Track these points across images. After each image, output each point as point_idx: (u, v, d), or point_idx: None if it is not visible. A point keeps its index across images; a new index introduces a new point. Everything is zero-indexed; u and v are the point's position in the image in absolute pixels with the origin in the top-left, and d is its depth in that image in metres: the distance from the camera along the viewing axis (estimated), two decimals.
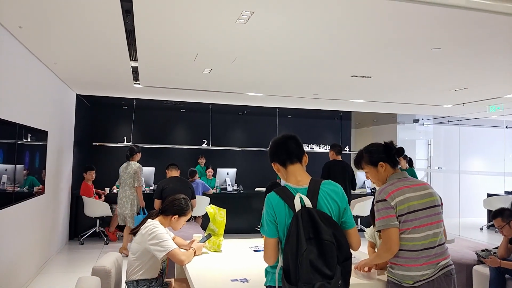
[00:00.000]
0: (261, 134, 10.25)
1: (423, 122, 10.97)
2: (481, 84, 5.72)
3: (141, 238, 2.77)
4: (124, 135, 8.74)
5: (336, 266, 1.78)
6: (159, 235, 2.74)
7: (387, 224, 2.14)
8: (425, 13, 3.09)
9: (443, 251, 2.23)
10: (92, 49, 4.33)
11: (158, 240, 2.71)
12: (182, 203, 3.02)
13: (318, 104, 8.21)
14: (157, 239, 2.72)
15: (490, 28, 3.38)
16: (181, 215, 2.99)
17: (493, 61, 4.49)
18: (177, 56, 4.59)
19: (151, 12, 3.22)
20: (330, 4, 2.98)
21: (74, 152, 7.10)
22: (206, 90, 6.70)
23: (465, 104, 7.46)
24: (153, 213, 3.00)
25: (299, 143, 2.05)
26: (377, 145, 2.42)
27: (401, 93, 6.60)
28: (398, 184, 2.25)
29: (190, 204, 3.10)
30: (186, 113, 9.94)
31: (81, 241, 6.74)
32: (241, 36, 3.77)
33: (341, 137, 10.85)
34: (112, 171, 8.63)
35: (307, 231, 1.77)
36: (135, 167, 6.11)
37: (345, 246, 1.85)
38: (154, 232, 2.74)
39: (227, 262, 2.90)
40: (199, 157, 9.41)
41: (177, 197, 3.06)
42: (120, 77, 5.77)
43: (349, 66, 4.87)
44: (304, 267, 1.72)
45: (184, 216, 3.02)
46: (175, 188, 5.27)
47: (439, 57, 4.36)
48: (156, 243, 2.70)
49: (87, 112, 8.47)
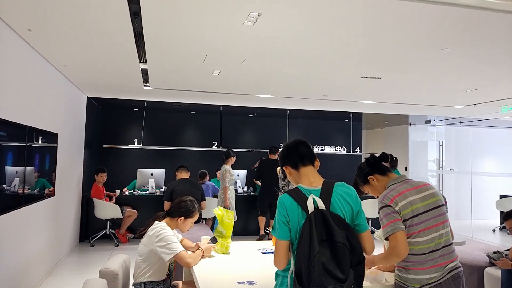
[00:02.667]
0: (272, 136, 10.22)
1: (435, 123, 10.85)
2: (492, 84, 5.63)
3: (148, 240, 2.77)
4: (135, 137, 8.80)
5: (349, 269, 1.75)
6: (166, 237, 2.74)
7: (395, 228, 2.10)
8: (434, 13, 3.05)
9: (450, 252, 2.18)
10: (102, 51, 4.37)
11: (165, 243, 2.71)
12: (189, 204, 3.02)
13: (328, 106, 8.16)
14: (164, 241, 2.72)
15: (500, 28, 3.32)
16: (187, 217, 2.99)
17: (504, 62, 4.41)
18: (186, 58, 4.60)
19: (159, 14, 3.24)
20: (338, 5, 2.95)
21: (84, 155, 7.17)
22: (216, 92, 6.71)
23: (476, 105, 7.36)
24: (160, 215, 3.00)
25: (310, 148, 2.08)
26: (360, 166, 2.46)
27: (412, 94, 6.53)
28: (399, 188, 2.21)
29: (197, 206, 3.09)
30: (196, 115, 9.96)
31: (91, 243, 6.79)
32: (250, 37, 3.76)
33: (352, 138, 10.77)
34: (122, 173, 8.72)
35: (320, 233, 1.75)
36: (223, 170, 6.63)
37: (358, 249, 1.82)
38: (161, 234, 2.74)
39: (235, 264, 2.89)
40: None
41: (184, 198, 3.06)
42: (130, 79, 5.81)
43: (359, 67, 4.84)
44: (317, 270, 1.70)
45: (190, 218, 3.01)
46: (185, 190, 5.29)
47: (449, 58, 4.30)
48: (163, 245, 2.70)
49: (98, 115, 8.54)
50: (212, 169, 8.31)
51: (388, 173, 2.36)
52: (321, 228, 1.76)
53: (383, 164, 2.40)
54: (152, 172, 7.68)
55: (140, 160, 9.21)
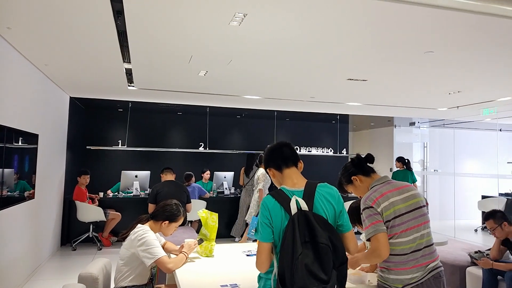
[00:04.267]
0: (259, 137, 10.21)
1: (419, 125, 10.99)
2: (474, 87, 5.71)
3: (130, 244, 2.71)
4: (119, 139, 8.68)
5: (332, 270, 1.76)
6: (148, 241, 2.68)
7: (377, 230, 2.12)
8: (417, 16, 3.06)
9: (432, 252, 2.21)
10: (84, 50, 4.28)
11: (147, 247, 2.65)
12: (174, 208, 2.96)
13: (315, 107, 8.18)
14: (146, 245, 2.66)
15: (482, 32, 3.36)
16: (172, 221, 2.94)
17: (485, 65, 4.48)
18: (171, 58, 4.55)
19: (142, 13, 3.18)
20: (324, 7, 2.95)
21: (67, 156, 7.03)
22: (202, 92, 6.66)
23: (459, 107, 7.46)
24: (143, 218, 2.94)
25: (293, 150, 2.10)
26: (345, 165, 2.49)
27: (397, 96, 6.58)
28: (381, 189, 2.23)
29: (182, 210, 3.04)
30: (182, 116, 9.89)
31: (73, 247, 6.65)
32: (236, 38, 3.73)
33: (339, 140, 10.83)
34: (106, 175, 8.60)
35: (303, 234, 1.75)
36: (259, 173, 6.76)
37: (341, 250, 1.82)
38: (144, 238, 2.68)
39: (219, 267, 2.85)
40: None
41: (168, 202, 3.00)
42: (114, 79, 5.72)
43: (345, 69, 4.85)
44: (300, 272, 1.70)
45: (175, 222, 2.96)
46: (170, 192, 5.22)
47: (432, 60, 4.34)
48: (145, 250, 2.64)
49: (81, 115, 8.41)
50: (198, 171, 8.25)
51: (371, 174, 2.38)
52: (304, 230, 1.77)
53: (368, 165, 2.42)
54: (136, 174, 7.57)
55: (125, 162, 9.10)
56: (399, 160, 8.22)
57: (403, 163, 8.15)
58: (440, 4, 2.79)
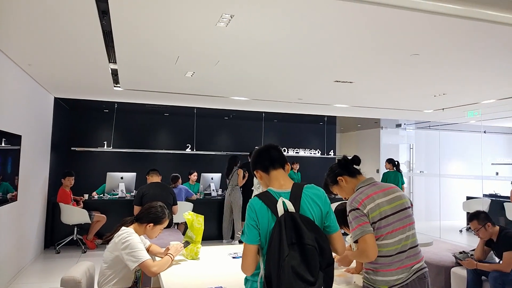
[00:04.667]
0: (247, 139, 10.19)
1: (405, 127, 11.10)
2: (459, 90, 5.79)
3: (114, 246, 2.67)
4: (105, 140, 8.58)
5: (318, 272, 1.75)
6: (132, 244, 2.63)
7: (364, 231, 2.12)
8: (403, 20, 3.09)
9: (416, 253, 2.22)
10: (69, 50, 4.22)
11: (131, 250, 2.61)
12: (158, 211, 2.92)
13: (303, 109, 8.20)
14: (130, 248, 2.61)
15: (466, 35, 3.41)
16: (156, 223, 2.90)
17: (470, 68, 4.54)
18: (157, 59, 4.51)
19: (128, 13, 3.15)
20: (311, 10, 2.95)
21: (51, 157, 6.92)
22: (189, 93, 6.62)
23: (444, 109, 7.56)
24: (128, 220, 2.90)
25: (281, 152, 2.09)
26: (331, 166, 2.49)
27: (383, 98, 6.64)
28: (367, 191, 2.24)
29: (168, 212, 3.00)
30: (169, 117, 9.82)
31: (57, 250, 6.53)
32: (223, 39, 3.71)
33: (326, 141, 10.89)
34: (91, 177, 8.49)
35: (290, 236, 1.74)
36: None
37: (328, 252, 1.82)
38: (128, 241, 2.64)
39: (204, 269, 2.82)
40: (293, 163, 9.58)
41: (153, 204, 2.97)
42: (99, 80, 5.65)
43: (332, 71, 4.87)
44: (286, 273, 1.68)
45: (159, 225, 2.92)
46: (156, 194, 5.17)
47: (417, 63, 4.39)
48: (129, 253, 2.60)
49: (65, 116, 8.29)
50: (185, 172, 8.19)
51: (357, 176, 2.38)
52: (290, 231, 1.76)
53: (354, 167, 2.42)
54: (122, 175, 7.48)
55: (110, 163, 9.00)
56: (390, 161, 8.31)
57: (393, 165, 8.24)
58: (425, 8, 2.82)
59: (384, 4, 2.74)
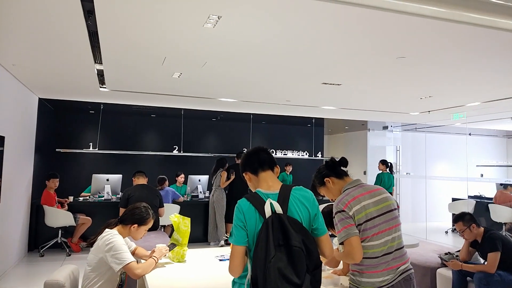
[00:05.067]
0: (235, 140, 10.17)
1: (392, 129, 11.20)
2: (445, 93, 5.86)
3: (98, 249, 2.62)
4: (90, 141, 8.47)
5: (305, 274, 1.74)
6: (116, 246, 2.60)
7: (349, 234, 2.12)
8: (389, 22, 3.11)
9: (402, 255, 2.23)
10: (54, 51, 4.15)
11: (115, 252, 2.57)
12: (142, 211, 2.89)
13: (291, 111, 8.22)
14: (114, 250, 2.57)
15: (451, 38, 3.45)
16: (141, 224, 2.87)
17: (455, 71, 4.60)
18: (144, 59, 4.46)
19: (114, 13, 3.11)
20: (299, 12, 2.95)
21: (35, 159, 6.80)
22: (176, 95, 6.57)
23: (430, 112, 7.65)
24: (112, 222, 2.86)
25: (270, 155, 2.09)
26: (319, 167, 2.50)
27: (370, 100, 6.68)
28: (353, 193, 2.24)
29: (152, 213, 2.97)
30: (156, 119, 9.74)
31: (41, 253, 6.42)
32: (210, 40, 3.69)
33: (314, 143, 10.92)
34: (76, 179, 8.37)
35: (277, 237, 1.74)
36: None
37: (315, 254, 1.81)
38: (112, 243, 2.60)
39: (191, 272, 2.80)
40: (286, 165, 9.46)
41: (137, 205, 2.94)
42: (85, 80, 5.57)
43: (319, 73, 4.88)
44: (272, 275, 1.67)
45: (144, 226, 2.89)
46: (142, 196, 5.12)
47: (404, 66, 4.42)
48: (113, 255, 2.56)
49: (50, 117, 8.16)
50: (172, 174, 8.12)
51: (344, 177, 2.39)
52: (277, 233, 1.75)
53: (341, 168, 2.42)
54: (108, 177, 7.39)
55: (96, 165, 8.89)
56: (383, 162, 8.38)
57: (386, 166, 8.31)
58: (411, 11, 2.83)
59: (371, 6, 2.76)
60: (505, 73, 4.63)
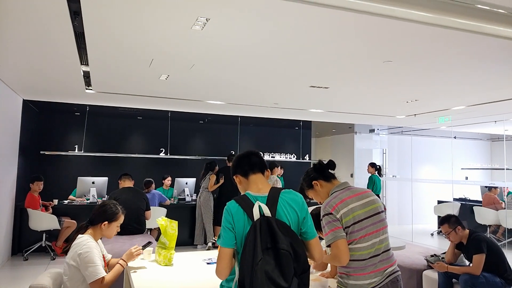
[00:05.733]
0: (222, 143, 10.14)
1: (378, 132, 11.31)
2: (430, 96, 5.94)
3: (72, 257, 2.56)
4: (76, 143, 8.36)
5: (293, 277, 1.72)
6: (91, 258, 2.53)
7: (336, 236, 2.13)
8: (376, 27, 3.14)
9: (389, 257, 2.25)
10: (39, 52, 4.09)
11: (89, 265, 2.51)
12: (111, 207, 2.85)
13: (279, 113, 8.23)
14: (87, 262, 2.51)
15: (437, 43, 3.50)
16: (111, 220, 2.81)
17: (441, 75, 4.66)
18: (131, 61, 4.42)
19: (101, 14, 3.08)
20: (287, 15, 2.96)
21: (19, 161, 6.68)
22: (163, 97, 6.53)
23: (416, 115, 7.75)
24: (83, 226, 2.79)
25: (261, 158, 2.10)
26: (307, 170, 2.51)
27: (357, 103, 6.74)
28: (341, 195, 2.25)
29: (121, 208, 2.93)
30: (143, 121, 9.66)
31: (25, 257, 6.30)
32: (198, 42, 3.68)
33: (302, 146, 10.95)
34: (62, 182, 8.24)
35: (265, 240, 1.72)
36: (274, 180, 7.27)
37: (303, 258, 1.79)
38: (86, 254, 2.53)
39: (178, 276, 2.77)
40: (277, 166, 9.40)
41: (105, 202, 2.91)
42: (70, 82, 5.50)
43: (307, 76, 4.90)
44: (259, 278, 1.65)
45: (115, 221, 2.84)
46: (128, 199, 5.07)
47: (391, 70, 4.47)
48: (86, 267, 2.51)
49: (35, 119, 8.03)
50: (158, 177, 8.06)
51: (332, 180, 2.39)
52: (266, 236, 1.74)
53: (329, 171, 2.43)
54: (93, 180, 7.30)
55: (81, 168, 8.78)
56: (373, 165, 8.46)
57: (375, 169, 8.39)
58: (399, 15, 2.86)
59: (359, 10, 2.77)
60: (489, 77, 4.72)
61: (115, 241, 4.34)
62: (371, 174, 8.45)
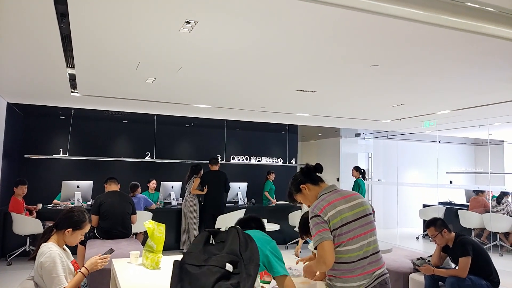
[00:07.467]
0: (209, 147, 10.11)
1: (364, 136, 11.41)
2: (416, 101, 6.02)
3: (38, 268, 2.51)
4: (60, 147, 8.23)
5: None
6: (52, 267, 2.48)
7: (322, 238, 2.14)
8: (363, 31, 3.18)
9: (378, 259, 2.26)
10: (24, 54, 4.03)
11: (52, 275, 2.46)
12: (77, 214, 2.77)
13: (265, 117, 8.26)
14: (49, 272, 2.46)
15: (424, 48, 3.55)
16: (75, 228, 2.74)
17: (426, 80, 4.74)
18: (117, 64, 4.39)
19: (88, 17, 3.05)
20: (274, 19, 2.98)
21: (2, 165, 6.55)
22: (150, 100, 6.49)
23: (402, 119, 7.85)
24: (47, 231, 2.73)
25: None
26: (294, 175, 2.52)
27: (343, 107, 6.80)
28: (329, 198, 2.27)
29: (88, 216, 2.86)
30: (128, 124, 9.58)
31: (8, 262, 6.19)
32: (186, 45, 3.67)
33: (288, 150, 10.98)
34: (46, 186, 8.10)
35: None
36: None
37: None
38: (47, 264, 2.48)
39: (165, 279, 2.74)
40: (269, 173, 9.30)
41: (72, 208, 2.84)
42: (56, 85, 5.43)
43: (294, 80, 4.93)
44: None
45: (79, 230, 2.77)
46: (114, 203, 5.03)
47: (377, 74, 4.52)
48: (48, 277, 2.46)
49: (19, 122, 7.90)
50: (144, 181, 7.99)
51: (320, 183, 2.41)
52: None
53: (316, 174, 2.44)
54: (78, 184, 7.20)
55: (66, 171, 8.66)
56: (357, 169, 8.52)
57: (360, 173, 8.45)
58: (386, 12, 2.86)
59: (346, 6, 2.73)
60: (474, 82, 4.80)
61: (100, 246, 4.29)
62: (356, 178, 8.51)
